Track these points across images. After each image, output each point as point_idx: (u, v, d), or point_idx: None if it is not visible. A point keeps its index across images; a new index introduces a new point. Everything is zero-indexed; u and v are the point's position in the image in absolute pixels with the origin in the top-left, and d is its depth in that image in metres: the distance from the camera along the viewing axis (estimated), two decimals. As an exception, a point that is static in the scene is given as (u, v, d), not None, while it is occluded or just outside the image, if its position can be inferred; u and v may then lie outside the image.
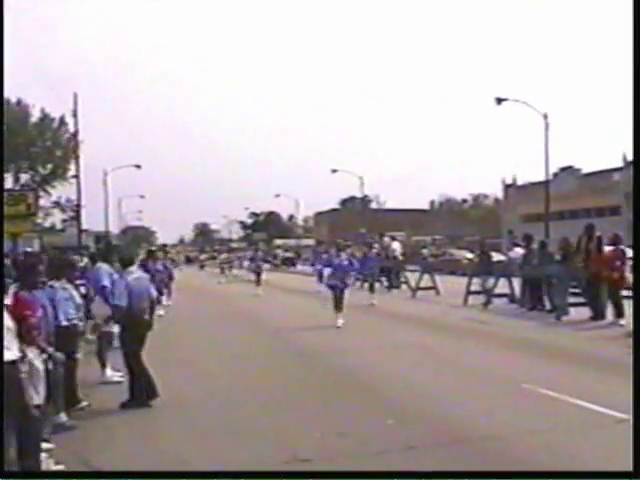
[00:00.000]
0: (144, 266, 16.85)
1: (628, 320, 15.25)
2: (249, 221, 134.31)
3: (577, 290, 17.95)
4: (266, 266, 63.88)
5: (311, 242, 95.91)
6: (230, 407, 8.76)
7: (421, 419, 7.96)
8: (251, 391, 9.69)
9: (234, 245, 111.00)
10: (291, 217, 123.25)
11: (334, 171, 65.85)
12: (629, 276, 15.70)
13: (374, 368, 11.31)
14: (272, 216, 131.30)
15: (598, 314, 16.49)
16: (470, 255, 44.04)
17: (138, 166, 58.33)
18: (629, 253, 15.88)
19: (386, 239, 32.50)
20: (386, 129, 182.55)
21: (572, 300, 17.69)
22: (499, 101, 38.88)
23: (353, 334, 15.70)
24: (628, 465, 6.12)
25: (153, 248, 32.83)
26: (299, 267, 63.39)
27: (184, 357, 12.71)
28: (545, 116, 38.54)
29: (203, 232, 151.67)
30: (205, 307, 24.54)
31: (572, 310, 17.31)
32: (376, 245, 30.81)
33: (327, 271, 18.00)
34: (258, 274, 31.08)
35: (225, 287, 37.64)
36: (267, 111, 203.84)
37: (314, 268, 35.44)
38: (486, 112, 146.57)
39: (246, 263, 48.54)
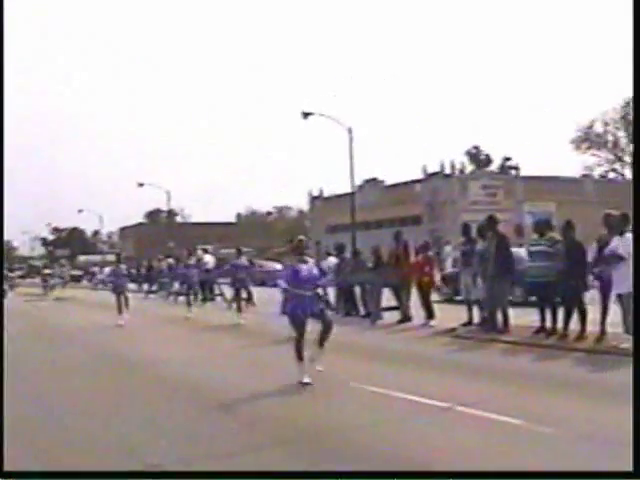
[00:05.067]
0: None
1: (438, 321, 16.37)
2: (51, 237, 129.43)
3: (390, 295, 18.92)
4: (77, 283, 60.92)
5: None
6: (66, 420, 8.61)
7: (262, 420, 8.21)
8: (84, 405, 9.57)
9: (36, 263, 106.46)
10: (96, 232, 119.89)
11: (140, 185, 64.70)
12: (437, 280, 16.89)
13: (205, 377, 11.42)
14: (75, 232, 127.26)
15: (406, 317, 17.45)
16: (279, 266, 44.81)
17: None
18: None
19: (199, 252, 32.52)
20: (191, 142, 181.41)
21: (385, 305, 18.58)
22: (305, 115, 39.81)
23: (176, 345, 15.77)
24: (459, 446, 6.72)
25: None
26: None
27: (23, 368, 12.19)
28: (349, 130, 39.95)
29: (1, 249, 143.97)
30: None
31: (385, 314, 18.21)
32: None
33: (282, 284, 10.75)
34: (120, 294, 21.90)
35: (58, 312, 29.60)
36: (68, 121, 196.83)
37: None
38: (293, 126, 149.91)
39: (101, 279, 36.00)
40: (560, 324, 12.99)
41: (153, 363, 12.98)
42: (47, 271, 46.56)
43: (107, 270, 25.66)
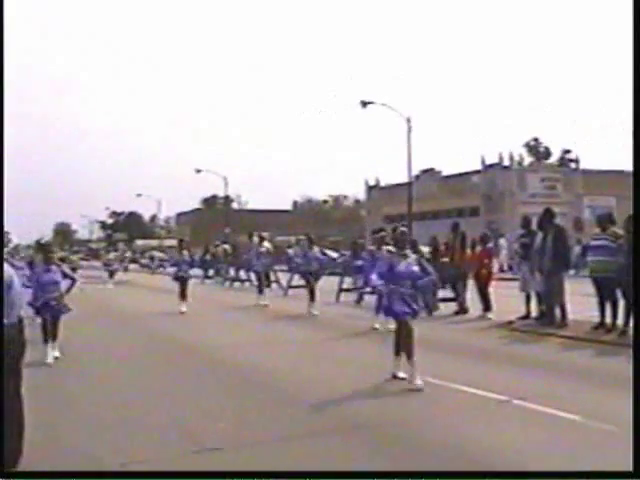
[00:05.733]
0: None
1: (495, 313, 16.30)
2: (109, 221, 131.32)
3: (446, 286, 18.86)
4: (133, 266, 61.62)
5: (174, 242, 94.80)
6: (125, 403, 8.77)
7: (322, 408, 8.27)
8: (143, 388, 9.80)
9: (93, 246, 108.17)
10: (153, 217, 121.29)
11: (198, 171, 65.45)
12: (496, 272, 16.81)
13: (262, 363, 11.51)
14: (133, 216, 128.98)
15: (462, 309, 17.39)
16: (335, 254, 44.90)
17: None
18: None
19: (255, 238, 32.67)
20: (248, 128, 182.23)
21: (441, 296, 18.54)
22: (364, 104, 39.71)
23: (233, 330, 16.00)
24: (517, 440, 6.71)
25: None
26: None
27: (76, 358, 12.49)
28: (408, 120, 39.76)
29: (63, 233, 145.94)
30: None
31: (442, 305, 18.16)
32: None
33: (375, 281, 9.65)
34: (183, 283, 21.02)
35: (120, 296, 29.26)
36: (127, 108, 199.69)
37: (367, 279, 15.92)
38: (350, 115, 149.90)
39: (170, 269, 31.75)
40: (620, 320, 12.84)
41: (215, 349, 13.17)
42: (110, 255, 47.08)
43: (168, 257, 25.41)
